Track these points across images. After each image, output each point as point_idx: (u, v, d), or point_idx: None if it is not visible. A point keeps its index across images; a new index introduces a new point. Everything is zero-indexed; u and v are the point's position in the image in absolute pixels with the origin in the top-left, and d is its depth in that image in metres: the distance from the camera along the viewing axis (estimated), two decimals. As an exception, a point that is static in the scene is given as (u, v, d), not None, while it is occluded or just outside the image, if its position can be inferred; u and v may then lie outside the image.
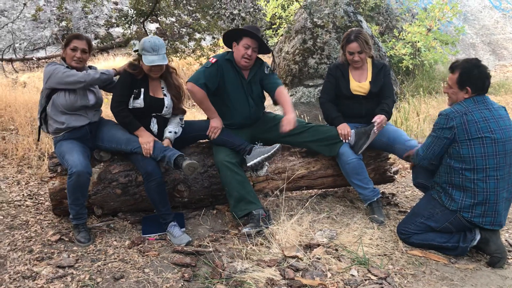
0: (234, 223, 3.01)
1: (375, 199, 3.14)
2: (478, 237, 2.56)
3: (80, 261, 2.48)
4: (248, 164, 3.02)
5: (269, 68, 3.29)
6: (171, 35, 7.38)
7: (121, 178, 2.97)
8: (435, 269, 2.48)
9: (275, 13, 9.52)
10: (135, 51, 2.99)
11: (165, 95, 3.02)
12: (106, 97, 4.22)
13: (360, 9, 9.93)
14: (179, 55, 7.13)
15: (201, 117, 5.00)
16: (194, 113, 6.65)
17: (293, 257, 2.49)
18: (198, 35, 7.14)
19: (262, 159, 2.99)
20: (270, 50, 3.22)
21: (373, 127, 3.06)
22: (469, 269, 2.49)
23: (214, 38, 6.87)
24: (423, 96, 7.78)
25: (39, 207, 3.25)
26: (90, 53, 2.97)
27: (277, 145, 3.02)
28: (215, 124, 3.11)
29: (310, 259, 2.48)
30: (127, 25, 6.60)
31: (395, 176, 3.72)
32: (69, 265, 2.40)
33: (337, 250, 2.63)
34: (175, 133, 3.04)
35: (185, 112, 3.18)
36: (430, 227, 2.66)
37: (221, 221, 3.11)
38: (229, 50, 3.25)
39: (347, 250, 2.62)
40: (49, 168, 2.96)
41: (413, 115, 6.32)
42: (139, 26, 6.72)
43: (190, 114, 6.07)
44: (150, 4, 6.37)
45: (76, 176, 2.60)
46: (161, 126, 3.04)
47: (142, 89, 2.93)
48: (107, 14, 11.91)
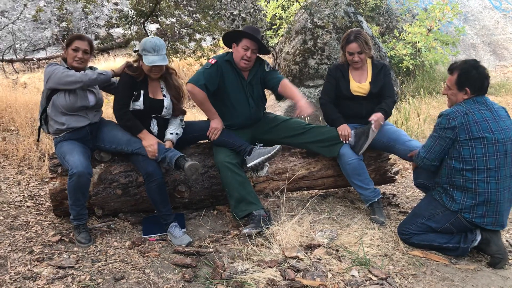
0: (234, 223, 3.01)
1: (376, 200, 3.14)
2: (479, 238, 2.55)
3: (80, 261, 2.48)
4: (248, 165, 3.02)
5: (269, 65, 3.29)
6: (172, 35, 7.39)
7: (121, 178, 2.98)
8: (436, 269, 2.48)
9: (276, 13, 9.53)
10: (135, 51, 2.99)
11: (164, 96, 3.02)
12: (106, 98, 4.22)
13: (360, 10, 9.93)
14: (179, 55, 7.13)
15: (202, 117, 4.99)
16: (194, 114, 6.65)
17: (293, 258, 2.49)
18: (198, 36, 7.15)
19: (262, 160, 2.99)
20: (269, 51, 3.22)
21: (371, 126, 3.06)
22: (470, 270, 2.49)
23: (214, 38, 6.87)
24: (423, 96, 7.78)
25: (40, 208, 3.25)
26: (91, 54, 2.97)
27: (277, 146, 3.02)
28: (215, 125, 3.11)
29: (310, 259, 2.48)
30: (127, 26, 6.61)
31: (396, 176, 3.71)
32: (69, 266, 2.40)
33: (337, 250, 2.63)
34: (177, 134, 3.04)
35: (185, 112, 3.18)
36: (430, 227, 2.65)
37: (222, 221, 3.11)
38: (229, 50, 3.25)
39: (348, 250, 2.62)
40: (50, 168, 2.96)
41: (414, 115, 6.33)
42: (139, 26, 6.72)
43: (190, 114, 6.07)
44: (150, 4, 6.38)
45: (76, 176, 2.60)
46: (161, 127, 3.04)
47: (141, 91, 2.93)
48: (107, 14, 11.92)
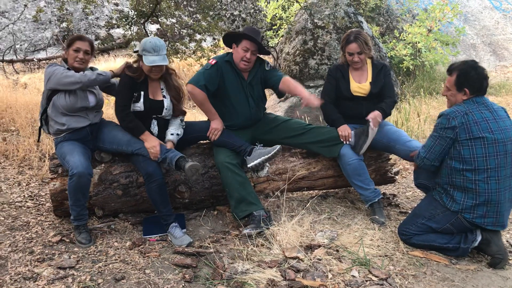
0: (235, 224, 3.01)
1: (376, 200, 3.13)
2: (479, 238, 2.55)
3: (81, 262, 2.48)
4: (248, 165, 3.02)
5: (269, 64, 3.29)
6: (172, 36, 7.39)
7: (122, 179, 2.98)
8: (436, 270, 2.48)
9: (276, 14, 9.53)
10: (135, 52, 2.99)
11: (164, 97, 3.02)
12: (106, 99, 4.23)
13: (360, 10, 9.94)
14: (179, 56, 7.14)
15: (202, 117, 5.00)
16: (194, 114, 6.65)
17: (294, 258, 2.49)
18: (198, 36, 7.16)
19: (262, 160, 2.99)
20: (269, 52, 3.22)
21: (369, 124, 3.06)
22: (470, 270, 2.49)
23: (214, 39, 6.88)
24: (423, 96, 7.78)
25: (40, 208, 3.25)
26: (92, 55, 2.97)
27: (277, 146, 3.02)
28: (216, 125, 3.11)
29: (311, 260, 2.48)
30: (127, 26, 6.62)
31: (396, 177, 3.71)
32: (70, 266, 2.40)
33: (338, 251, 2.63)
34: (177, 135, 3.04)
35: (185, 113, 3.18)
36: (431, 228, 2.65)
37: (222, 222, 3.11)
38: (229, 51, 3.25)
39: (348, 251, 2.62)
40: (50, 169, 2.96)
41: (414, 115, 6.32)
42: (139, 27, 6.73)
43: (190, 115, 6.07)
44: (150, 5, 6.39)
45: (77, 177, 2.61)
46: (162, 127, 3.04)
47: (142, 92, 2.94)
48: (107, 15, 11.93)
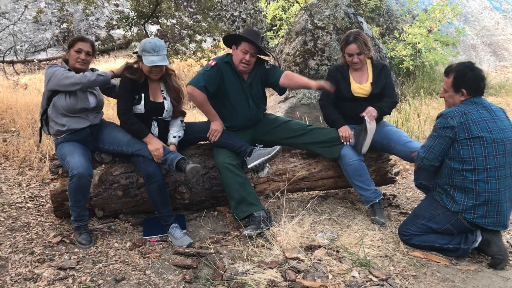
0: (235, 224, 3.01)
1: (377, 201, 3.13)
2: (479, 239, 2.55)
3: (81, 263, 2.48)
4: (248, 166, 3.02)
5: (269, 63, 3.29)
6: (172, 36, 7.40)
7: (122, 180, 2.98)
8: (436, 270, 2.47)
9: (276, 14, 9.53)
10: (135, 53, 3.00)
11: (164, 99, 3.02)
12: (107, 100, 4.23)
13: (360, 11, 9.94)
14: (180, 56, 7.14)
15: (202, 118, 5.00)
16: (194, 115, 6.65)
17: (294, 259, 2.49)
18: (199, 37, 7.16)
19: (262, 161, 2.99)
20: (269, 54, 3.22)
21: (365, 120, 3.06)
22: (470, 271, 2.48)
23: (215, 39, 6.89)
24: (423, 97, 7.79)
25: (40, 209, 3.25)
26: (93, 56, 2.97)
27: (277, 147, 3.02)
28: (216, 126, 3.11)
29: (311, 260, 2.48)
30: (128, 27, 6.63)
31: (396, 177, 3.71)
32: (70, 267, 2.40)
33: (338, 251, 2.63)
34: (179, 137, 3.05)
35: (185, 114, 3.18)
36: (431, 228, 2.65)
37: (222, 222, 3.11)
38: (229, 51, 3.26)
39: (348, 251, 2.62)
40: (50, 170, 2.96)
41: (414, 116, 6.33)
42: (140, 28, 6.74)
43: (190, 115, 6.08)
44: (151, 6, 6.39)
45: (77, 178, 2.61)
46: (162, 129, 3.04)
47: (142, 94, 2.94)
48: (108, 16, 11.95)
